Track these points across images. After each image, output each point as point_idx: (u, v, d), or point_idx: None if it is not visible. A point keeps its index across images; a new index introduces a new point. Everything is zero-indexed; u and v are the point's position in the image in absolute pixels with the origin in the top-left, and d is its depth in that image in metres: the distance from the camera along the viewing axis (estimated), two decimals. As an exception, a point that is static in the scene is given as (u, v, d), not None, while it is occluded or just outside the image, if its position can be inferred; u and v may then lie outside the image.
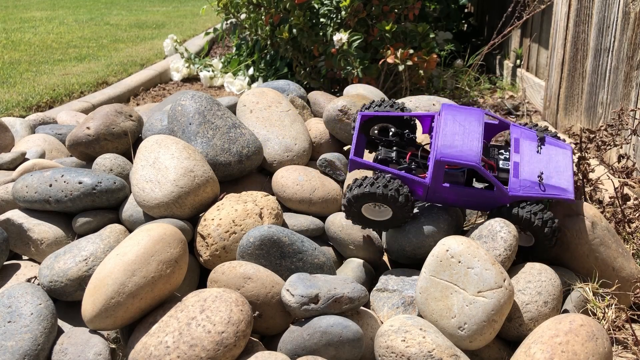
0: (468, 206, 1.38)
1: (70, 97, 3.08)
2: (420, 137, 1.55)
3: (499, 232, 1.29)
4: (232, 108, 1.81)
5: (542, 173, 1.30)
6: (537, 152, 1.34)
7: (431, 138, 1.41)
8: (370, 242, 1.43)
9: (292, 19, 2.68)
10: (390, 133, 1.45)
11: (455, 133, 1.32)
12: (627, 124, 1.69)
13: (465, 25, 4.29)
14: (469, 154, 1.28)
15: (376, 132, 1.48)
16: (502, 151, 1.39)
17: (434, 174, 1.30)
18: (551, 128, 2.46)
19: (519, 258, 1.33)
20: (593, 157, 1.87)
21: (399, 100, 1.47)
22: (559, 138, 1.40)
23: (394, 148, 1.43)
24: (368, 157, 1.52)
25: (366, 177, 1.33)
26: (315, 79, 2.88)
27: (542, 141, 1.36)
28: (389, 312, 1.27)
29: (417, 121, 1.46)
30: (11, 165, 1.69)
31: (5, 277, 1.40)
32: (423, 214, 1.38)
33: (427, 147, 1.44)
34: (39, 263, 1.44)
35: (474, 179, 1.37)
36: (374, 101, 1.48)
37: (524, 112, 2.85)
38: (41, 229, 1.45)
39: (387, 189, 1.28)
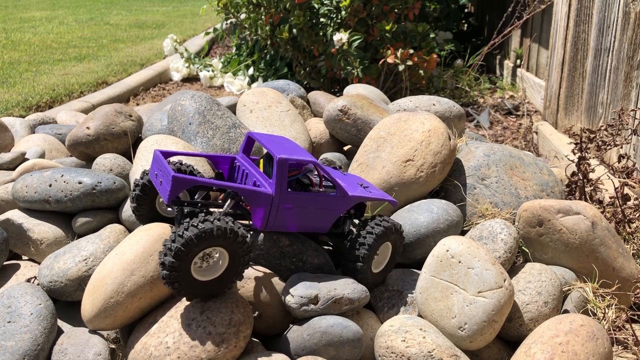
0: (311, 224, 1.24)
1: (70, 97, 3.08)
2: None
3: (499, 233, 1.29)
4: (232, 108, 1.81)
5: (362, 184, 1.36)
6: (345, 174, 1.40)
7: (241, 176, 1.29)
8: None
9: (292, 19, 2.68)
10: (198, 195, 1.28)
11: (281, 145, 1.25)
12: (627, 124, 1.69)
13: (465, 25, 4.29)
14: (306, 154, 1.23)
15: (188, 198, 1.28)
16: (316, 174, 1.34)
17: (278, 178, 1.15)
18: (552, 128, 2.46)
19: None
20: (593, 157, 1.86)
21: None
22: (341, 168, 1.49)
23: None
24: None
25: (182, 226, 1.04)
26: (315, 79, 2.88)
27: (340, 169, 1.45)
28: (389, 312, 1.27)
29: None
30: (11, 165, 1.69)
31: (5, 277, 1.40)
32: (423, 214, 1.38)
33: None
34: (39, 263, 1.44)
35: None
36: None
37: (524, 112, 2.85)
38: (41, 229, 1.45)
39: (226, 223, 1.05)
